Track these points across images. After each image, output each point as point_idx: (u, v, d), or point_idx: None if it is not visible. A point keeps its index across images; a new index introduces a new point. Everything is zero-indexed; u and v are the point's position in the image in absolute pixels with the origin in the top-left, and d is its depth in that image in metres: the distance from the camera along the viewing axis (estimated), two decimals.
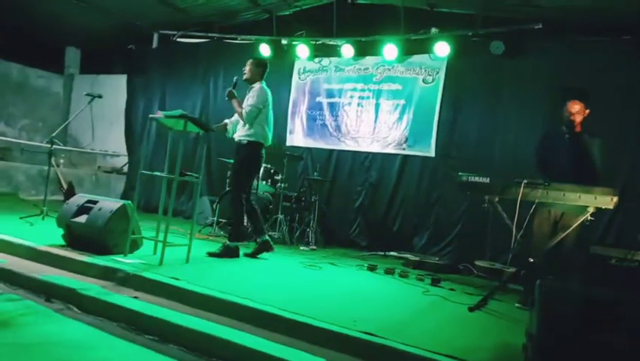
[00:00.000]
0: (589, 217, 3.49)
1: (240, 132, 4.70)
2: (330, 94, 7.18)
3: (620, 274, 3.42)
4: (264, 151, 4.74)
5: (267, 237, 4.76)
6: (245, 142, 4.65)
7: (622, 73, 5.15)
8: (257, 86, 4.73)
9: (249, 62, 4.84)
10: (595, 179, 3.66)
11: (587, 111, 3.92)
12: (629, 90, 5.12)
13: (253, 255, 4.70)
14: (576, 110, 3.89)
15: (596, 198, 3.41)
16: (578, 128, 3.92)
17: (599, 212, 3.54)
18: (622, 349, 2.14)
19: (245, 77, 4.78)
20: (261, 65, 4.86)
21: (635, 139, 5.09)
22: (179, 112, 4.26)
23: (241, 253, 4.67)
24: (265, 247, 4.72)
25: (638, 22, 5.13)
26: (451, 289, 4.27)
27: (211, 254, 4.52)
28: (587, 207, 3.47)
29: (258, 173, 5.28)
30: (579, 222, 3.52)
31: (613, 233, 4.99)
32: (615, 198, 3.39)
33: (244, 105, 4.66)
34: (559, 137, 4.00)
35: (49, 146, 5.67)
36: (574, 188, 3.47)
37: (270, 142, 4.80)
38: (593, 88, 5.08)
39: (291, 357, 2.38)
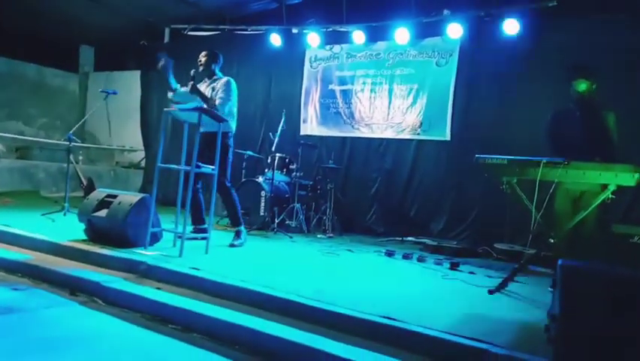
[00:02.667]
0: (610, 195, 3.42)
1: (209, 124, 4.58)
2: (342, 81, 7.14)
3: None
4: (232, 141, 4.79)
5: (243, 227, 4.77)
6: (225, 133, 4.60)
7: None
8: (224, 79, 4.72)
9: (204, 53, 4.81)
10: (612, 154, 3.58)
11: (594, 86, 3.83)
12: None
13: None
14: (583, 88, 3.81)
15: (617, 175, 3.34)
16: (588, 105, 3.84)
17: (620, 190, 3.46)
18: None
19: (201, 69, 4.75)
20: (216, 56, 4.84)
21: None
22: (193, 105, 4.29)
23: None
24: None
25: None
26: (471, 273, 4.26)
27: (232, 245, 4.57)
28: (608, 185, 3.40)
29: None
30: (600, 200, 3.45)
31: (636, 211, 4.89)
32: (637, 175, 3.30)
33: (214, 97, 4.60)
34: (569, 115, 3.91)
35: (68, 143, 5.76)
36: (594, 166, 3.40)
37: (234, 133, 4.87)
38: (611, 65, 4.98)
39: (312, 343, 2.40)
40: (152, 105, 8.75)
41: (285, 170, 6.22)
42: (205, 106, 4.55)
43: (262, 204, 5.99)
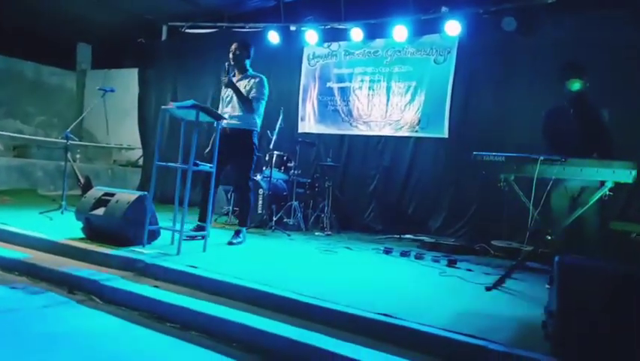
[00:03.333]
0: (607, 192, 3.42)
1: (241, 120, 4.66)
2: (340, 79, 7.13)
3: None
4: (257, 139, 4.84)
5: (245, 228, 4.80)
6: (252, 131, 4.71)
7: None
8: (259, 77, 4.74)
9: (236, 46, 4.76)
10: (608, 151, 3.59)
11: (587, 84, 3.84)
12: None
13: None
14: (577, 87, 3.82)
15: (614, 172, 3.34)
16: (582, 103, 3.84)
17: (618, 186, 3.46)
18: None
19: (233, 62, 4.72)
20: (249, 49, 4.81)
21: None
22: (190, 102, 4.28)
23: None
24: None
25: None
26: (469, 270, 4.26)
27: (231, 243, 4.56)
28: (605, 181, 3.40)
29: None
30: (597, 197, 3.45)
31: (634, 208, 4.89)
32: (635, 172, 3.31)
33: (249, 94, 4.64)
34: (563, 113, 3.92)
35: (65, 141, 5.75)
36: (591, 162, 3.40)
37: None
38: (609, 62, 4.97)
39: (310, 340, 2.40)
40: (149, 103, 8.74)
41: (283, 168, 6.22)
42: (236, 100, 4.63)
43: (260, 202, 5.99)
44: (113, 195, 4.21)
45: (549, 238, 3.51)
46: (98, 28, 9.28)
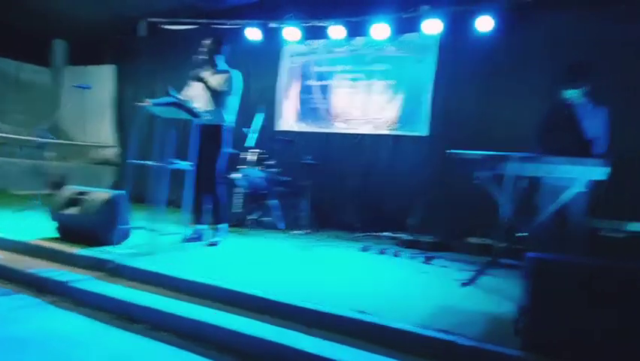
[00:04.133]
0: (582, 189, 3.47)
1: (209, 115, 4.57)
2: (320, 77, 7.12)
3: (609, 244, 3.42)
4: (227, 135, 4.75)
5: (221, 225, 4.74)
6: (220, 126, 4.62)
7: (618, 42, 5.04)
8: (227, 73, 4.66)
9: (208, 41, 4.70)
10: (599, 150, 3.64)
11: (587, 89, 3.87)
12: (627, 61, 5.02)
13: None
14: (573, 95, 3.86)
15: (588, 169, 3.39)
16: (577, 110, 3.87)
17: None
18: (613, 318, 2.15)
19: (202, 57, 4.64)
20: (219, 46, 4.72)
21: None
22: (168, 99, 4.23)
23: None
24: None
25: None
26: (444, 267, 4.29)
27: (212, 244, 4.50)
28: (580, 179, 3.44)
29: None
30: (571, 194, 3.50)
31: (602, 205, 4.95)
32: (607, 169, 3.36)
33: (216, 87, 4.57)
34: (562, 109, 3.95)
35: (39, 139, 5.64)
36: (565, 160, 3.44)
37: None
38: (595, 58, 4.97)
39: (283, 339, 2.39)
40: (127, 100, 8.61)
41: (262, 166, 6.18)
42: (205, 95, 4.55)
43: (238, 200, 5.95)
44: (87, 193, 4.14)
45: (520, 234, 3.55)
46: (75, 25, 9.09)
